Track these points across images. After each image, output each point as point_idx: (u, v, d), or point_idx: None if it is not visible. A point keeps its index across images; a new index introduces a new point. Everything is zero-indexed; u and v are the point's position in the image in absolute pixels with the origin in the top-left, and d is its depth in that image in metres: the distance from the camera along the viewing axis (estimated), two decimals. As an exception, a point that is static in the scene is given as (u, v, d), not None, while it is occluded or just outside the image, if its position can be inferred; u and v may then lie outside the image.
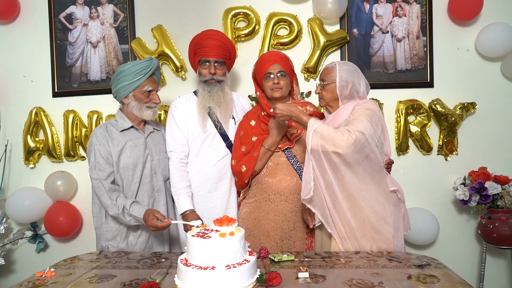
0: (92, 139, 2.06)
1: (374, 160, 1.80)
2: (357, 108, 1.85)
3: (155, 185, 2.12)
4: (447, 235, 2.81)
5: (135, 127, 2.13)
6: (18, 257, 3.03)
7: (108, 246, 2.05)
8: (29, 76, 3.00)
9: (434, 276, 1.47)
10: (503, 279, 2.82)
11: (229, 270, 1.31)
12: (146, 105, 2.10)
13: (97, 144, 2.04)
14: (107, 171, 2.02)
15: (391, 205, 1.86)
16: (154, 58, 2.14)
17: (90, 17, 2.94)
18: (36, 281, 1.53)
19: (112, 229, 2.06)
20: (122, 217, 1.97)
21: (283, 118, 1.90)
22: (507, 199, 2.56)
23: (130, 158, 2.05)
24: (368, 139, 1.75)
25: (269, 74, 2.11)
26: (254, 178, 2.17)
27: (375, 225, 1.80)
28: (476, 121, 2.81)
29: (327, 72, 1.95)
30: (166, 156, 2.21)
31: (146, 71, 2.06)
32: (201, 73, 2.22)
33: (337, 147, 1.70)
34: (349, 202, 1.80)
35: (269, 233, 2.11)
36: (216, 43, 2.18)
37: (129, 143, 2.08)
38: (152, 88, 2.10)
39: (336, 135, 1.72)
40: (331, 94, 1.93)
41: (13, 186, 3.00)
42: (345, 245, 1.83)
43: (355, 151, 1.72)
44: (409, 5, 2.80)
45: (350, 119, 1.82)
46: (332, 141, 1.71)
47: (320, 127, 1.76)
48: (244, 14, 2.82)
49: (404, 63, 2.81)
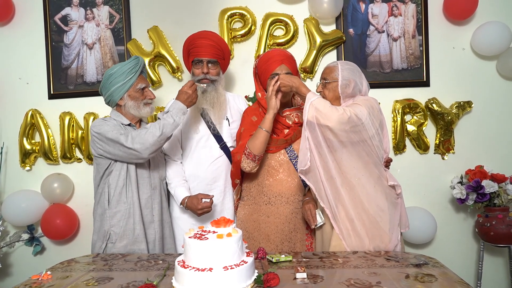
0: (96, 122, 2.03)
1: (372, 149, 1.83)
2: (357, 99, 1.90)
3: (152, 182, 2.12)
4: (445, 234, 2.82)
5: (133, 125, 2.12)
6: (14, 260, 3.02)
7: (110, 232, 2.03)
8: (25, 78, 2.99)
9: (432, 275, 1.47)
10: (501, 277, 2.83)
11: (227, 271, 1.30)
12: (143, 102, 2.11)
13: (104, 123, 2.00)
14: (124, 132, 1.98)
15: (389, 196, 1.87)
16: (139, 57, 2.16)
17: (86, 18, 2.93)
18: (32, 284, 1.52)
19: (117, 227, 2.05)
20: (168, 121, 1.94)
21: (285, 88, 1.94)
22: (503, 197, 2.57)
23: None
24: (364, 123, 1.78)
25: (276, 75, 2.04)
26: (254, 180, 2.15)
27: (367, 207, 1.82)
28: (473, 119, 2.82)
29: (329, 71, 1.96)
30: (160, 156, 2.22)
31: (136, 69, 2.08)
32: (194, 73, 2.22)
33: (330, 121, 1.75)
34: (342, 178, 1.83)
35: (269, 237, 2.09)
36: (209, 43, 2.17)
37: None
38: (145, 85, 2.12)
39: (331, 109, 1.77)
40: (333, 93, 1.94)
41: (9, 188, 2.98)
42: (339, 224, 1.85)
43: (349, 129, 1.76)
44: (405, 4, 2.81)
45: (349, 105, 1.86)
46: (326, 115, 1.76)
47: (317, 100, 1.80)
48: (240, 14, 2.82)
49: (400, 63, 2.82)
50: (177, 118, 1.98)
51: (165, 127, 1.94)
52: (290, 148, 2.11)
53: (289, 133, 2.08)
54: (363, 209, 1.83)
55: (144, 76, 2.18)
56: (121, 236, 2.02)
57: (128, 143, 1.92)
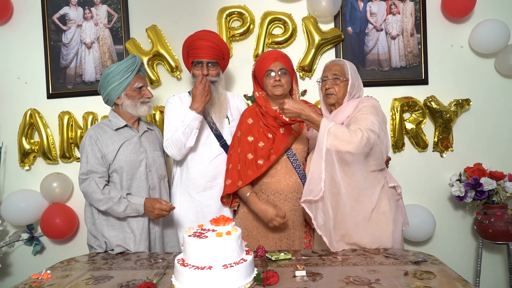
0: (85, 140, 2.06)
1: (379, 156, 1.83)
2: (362, 105, 1.86)
3: (150, 182, 2.12)
4: (443, 231, 2.83)
5: (129, 125, 2.13)
6: (14, 260, 3.02)
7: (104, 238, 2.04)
8: (23, 77, 2.99)
9: (431, 272, 1.48)
10: (499, 274, 2.84)
11: (226, 269, 1.31)
12: (140, 100, 2.11)
13: (90, 145, 2.04)
14: (100, 171, 2.01)
15: (391, 199, 1.87)
16: (137, 56, 2.16)
17: (84, 18, 2.93)
18: (32, 284, 1.52)
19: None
20: (116, 206, 1.95)
21: (291, 115, 1.83)
22: (502, 195, 2.58)
23: (126, 156, 2.05)
24: (380, 135, 1.77)
25: (270, 71, 2.10)
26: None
27: (375, 220, 1.81)
28: (471, 117, 2.82)
29: (340, 69, 1.94)
30: (160, 155, 2.21)
31: (133, 68, 2.09)
32: (194, 74, 2.22)
33: (351, 146, 1.69)
34: (352, 201, 1.79)
35: (268, 234, 2.10)
36: (208, 44, 2.17)
37: (125, 141, 2.08)
38: (142, 84, 2.13)
39: (349, 134, 1.70)
40: (343, 91, 1.94)
41: (9, 188, 2.98)
42: (338, 245, 1.81)
43: (368, 149, 1.73)
44: (403, 2, 2.81)
45: (356, 116, 1.82)
46: (346, 140, 1.69)
47: (334, 127, 1.72)
48: (238, 13, 2.82)
49: (399, 61, 2.82)
50: (125, 210, 1.97)
51: (113, 209, 1.97)
52: (289, 148, 2.12)
53: (275, 152, 2.07)
54: (372, 224, 1.81)
55: (142, 75, 2.19)
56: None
57: (90, 191, 1.99)
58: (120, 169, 2.05)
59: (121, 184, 2.05)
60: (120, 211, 1.97)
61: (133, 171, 2.07)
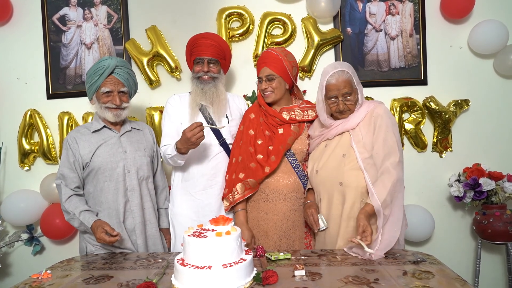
0: (63, 144, 2.11)
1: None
2: (379, 121, 1.86)
3: (128, 184, 2.08)
4: (442, 232, 2.83)
5: (108, 127, 2.11)
6: (14, 260, 3.02)
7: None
8: (23, 78, 2.99)
9: (430, 272, 1.48)
10: (498, 274, 2.84)
11: (226, 269, 1.31)
12: (104, 106, 2.07)
13: (65, 149, 2.07)
14: (70, 176, 2.04)
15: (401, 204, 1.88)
16: (111, 58, 2.07)
17: (84, 18, 2.94)
18: (32, 283, 1.53)
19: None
20: (72, 221, 2.00)
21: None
22: (501, 195, 2.58)
23: (102, 158, 2.04)
24: (402, 149, 1.86)
25: (260, 78, 2.14)
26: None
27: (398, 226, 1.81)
28: (470, 118, 2.83)
29: (348, 84, 1.89)
30: (143, 155, 2.15)
31: (101, 72, 2.03)
32: (195, 70, 2.26)
33: (395, 191, 1.77)
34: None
35: (268, 233, 2.10)
36: (210, 42, 2.23)
37: (102, 143, 2.07)
38: (109, 89, 2.05)
39: (391, 188, 1.75)
40: (355, 102, 1.93)
41: (8, 188, 2.98)
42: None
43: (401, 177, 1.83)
44: (402, 3, 2.82)
45: (379, 142, 1.83)
46: (391, 195, 1.75)
47: (382, 201, 1.72)
48: (238, 14, 2.83)
49: (398, 61, 2.82)
50: (79, 227, 2.00)
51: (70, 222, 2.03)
52: (288, 149, 2.12)
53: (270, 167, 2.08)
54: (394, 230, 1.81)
55: (120, 79, 2.08)
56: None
57: (60, 199, 2.05)
58: (96, 171, 2.04)
59: (98, 187, 2.04)
60: (76, 226, 2.02)
61: (109, 172, 2.04)
